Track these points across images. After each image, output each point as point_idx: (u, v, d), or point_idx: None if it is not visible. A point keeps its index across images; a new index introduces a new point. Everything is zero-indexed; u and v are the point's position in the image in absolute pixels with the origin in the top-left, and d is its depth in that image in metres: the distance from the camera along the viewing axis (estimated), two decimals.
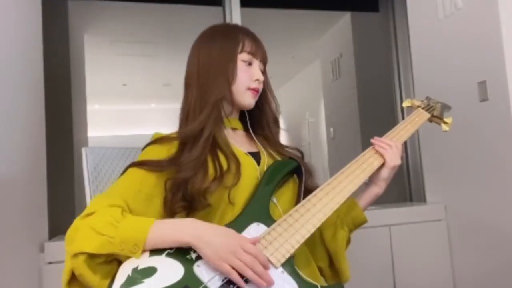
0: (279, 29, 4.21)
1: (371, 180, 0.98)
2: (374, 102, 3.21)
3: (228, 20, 2.30)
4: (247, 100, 0.96)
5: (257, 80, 0.96)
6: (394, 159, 0.97)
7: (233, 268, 0.70)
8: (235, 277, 0.70)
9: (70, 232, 0.76)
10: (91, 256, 0.72)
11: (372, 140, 1.00)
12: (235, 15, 2.28)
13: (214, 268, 0.71)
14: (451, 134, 1.16)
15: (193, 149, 0.86)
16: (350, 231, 0.99)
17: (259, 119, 1.03)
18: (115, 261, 0.75)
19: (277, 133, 1.05)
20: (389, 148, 0.98)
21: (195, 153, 0.85)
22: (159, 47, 4.88)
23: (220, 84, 0.92)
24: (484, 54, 1.73)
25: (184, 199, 0.83)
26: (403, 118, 1.20)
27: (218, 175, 0.85)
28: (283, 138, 1.08)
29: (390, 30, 2.56)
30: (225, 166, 0.87)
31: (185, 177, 0.82)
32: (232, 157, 0.89)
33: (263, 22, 3.82)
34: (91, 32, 4.06)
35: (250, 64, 0.96)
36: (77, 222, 0.76)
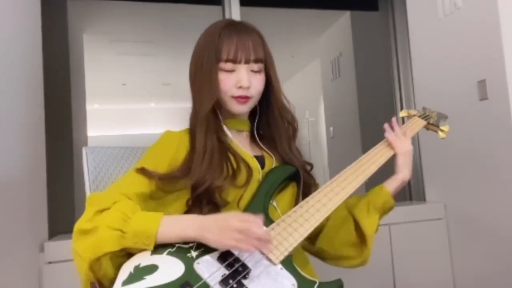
0: (278, 28, 4.21)
1: (395, 171, 1.00)
2: (373, 101, 3.21)
3: None
4: (234, 108, 0.93)
5: (241, 87, 0.91)
6: (404, 145, 1.00)
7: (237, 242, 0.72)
8: (244, 246, 0.72)
9: (83, 224, 0.74)
10: (113, 254, 0.73)
11: (385, 126, 1.03)
12: (235, 14, 2.28)
13: (215, 261, 0.73)
14: (451, 133, 1.16)
15: (204, 159, 0.87)
16: (380, 216, 0.98)
17: (269, 118, 1.00)
18: (127, 255, 0.75)
19: (289, 135, 1.01)
20: (396, 138, 1.01)
21: (206, 163, 0.87)
22: (159, 47, 4.88)
23: (206, 97, 0.91)
24: (484, 53, 1.73)
25: (208, 203, 0.86)
26: (406, 109, 1.21)
27: (230, 174, 0.87)
28: None
29: (389, 29, 2.56)
30: (235, 166, 0.89)
31: (205, 187, 0.85)
32: (241, 159, 0.91)
33: (263, 21, 3.80)
34: (90, 31, 4.06)
35: (232, 70, 0.91)
36: (85, 223, 0.74)
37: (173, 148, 0.90)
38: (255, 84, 0.93)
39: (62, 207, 1.95)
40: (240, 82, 0.90)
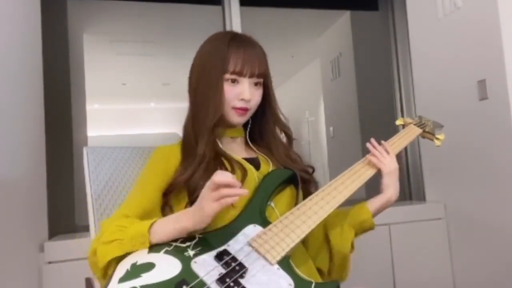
0: (278, 28, 4.20)
1: (381, 188, 0.99)
2: (373, 101, 3.21)
3: (227, 19, 2.30)
4: (233, 119, 0.95)
5: (243, 99, 0.93)
6: (388, 164, 0.98)
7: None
8: (224, 201, 0.73)
9: (90, 255, 0.82)
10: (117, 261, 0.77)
11: (367, 145, 1.02)
12: (234, 14, 2.28)
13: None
14: (451, 133, 1.17)
15: (200, 166, 0.89)
16: (356, 234, 0.99)
17: (262, 129, 1.03)
18: None
19: (285, 144, 1.04)
20: (380, 156, 0.99)
21: (202, 169, 0.89)
22: (159, 46, 4.88)
23: (212, 109, 0.92)
24: (484, 53, 1.73)
25: None
26: (402, 117, 1.21)
27: None
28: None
29: (389, 29, 2.56)
30: (230, 170, 0.91)
31: (199, 193, 0.86)
32: (236, 162, 0.93)
33: (263, 21, 3.82)
34: (90, 31, 4.05)
35: (236, 82, 0.94)
36: (93, 244, 0.82)
37: (163, 163, 0.93)
38: (255, 97, 0.96)
39: (62, 207, 1.95)
40: (242, 94, 0.93)
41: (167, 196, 0.90)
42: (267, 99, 1.00)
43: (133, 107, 8.19)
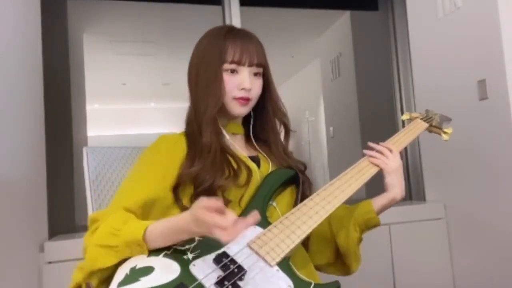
0: (278, 28, 4.20)
1: (385, 187, 0.98)
2: (373, 101, 3.21)
3: (227, 19, 2.30)
4: (235, 109, 0.94)
5: (243, 89, 0.92)
6: (390, 164, 0.97)
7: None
8: (217, 232, 0.66)
9: (84, 242, 0.80)
10: (105, 269, 0.75)
11: (364, 151, 1.01)
12: (234, 14, 2.28)
13: (208, 264, 0.73)
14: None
15: (206, 160, 0.88)
16: (362, 231, 0.98)
17: (263, 122, 1.02)
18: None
19: (281, 140, 1.03)
20: (381, 156, 0.98)
21: (209, 162, 0.88)
22: (159, 46, 4.88)
23: (212, 99, 0.91)
24: (484, 53, 1.73)
25: None
26: (408, 112, 1.20)
27: (232, 174, 0.88)
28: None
29: (389, 28, 2.56)
30: (236, 167, 0.90)
31: (207, 186, 0.86)
32: (240, 160, 0.92)
33: (263, 21, 3.82)
34: (90, 31, 4.05)
35: (235, 72, 0.93)
36: (86, 240, 0.80)
37: (167, 153, 0.90)
38: (255, 87, 0.95)
39: (62, 207, 1.95)
40: (242, 84, 0.93)
41: (177, 190, 0.87)
42: (267, 90, 1.00)
43: (133, 107, 8.19)
